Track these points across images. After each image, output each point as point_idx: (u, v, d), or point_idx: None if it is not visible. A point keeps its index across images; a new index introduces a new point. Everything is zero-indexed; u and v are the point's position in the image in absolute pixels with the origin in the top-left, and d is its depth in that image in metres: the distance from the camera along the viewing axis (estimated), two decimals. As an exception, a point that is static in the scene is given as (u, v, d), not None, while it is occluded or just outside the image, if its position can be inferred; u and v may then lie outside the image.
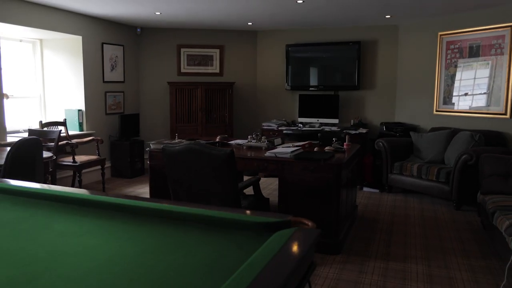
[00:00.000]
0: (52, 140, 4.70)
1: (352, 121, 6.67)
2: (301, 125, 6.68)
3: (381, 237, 3.89)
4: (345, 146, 4.05)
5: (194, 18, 6.02)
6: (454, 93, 5.82)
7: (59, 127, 5.39)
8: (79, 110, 5.83)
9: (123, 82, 6.62)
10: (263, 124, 6.76)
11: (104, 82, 6.21)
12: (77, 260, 1.33)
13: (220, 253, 1.37)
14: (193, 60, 7.11)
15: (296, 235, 1.35)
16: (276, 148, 3.94)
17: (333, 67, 6.85)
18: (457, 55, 5.76)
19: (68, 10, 5.49)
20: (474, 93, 5.59)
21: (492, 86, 5.33)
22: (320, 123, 6.70)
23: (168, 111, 6.88)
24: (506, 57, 5.15)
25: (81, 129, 5.87)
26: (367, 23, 6.45)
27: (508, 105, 5.16)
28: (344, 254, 3.47)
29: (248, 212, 1.75)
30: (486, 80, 5.41)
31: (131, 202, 1.84)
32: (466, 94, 5.67)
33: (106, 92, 6.25)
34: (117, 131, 6.35)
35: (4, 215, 1.79)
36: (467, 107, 5.66)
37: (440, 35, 5.92)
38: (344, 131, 5.95)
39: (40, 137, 4.60)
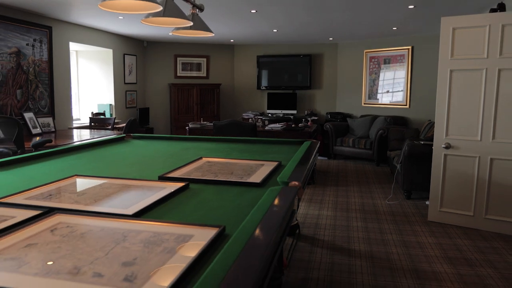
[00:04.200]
0: (108, 124, 6.70)
1: (306, 111, 9.21)
2: (270, 115, 9.11)
3: (332, 178, 6.42)
4: (309, 124, 6.54)
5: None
6: (379, 91, 8.56)
7: (101, 116, 7.34)
8: (110, 105, 7.78)
9: (135, 83, 8.62)
10: (243, 114, 9.10)
11: (125, 83, 8.20)
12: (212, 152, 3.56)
13: (284, 149, 3.68)
14: (186, 66, 9.26)
15: (313, 142, 3.73)
16: (268, 125, 6.32)
17: (291, 73, 9.35)
18: (376, 66, 8.51)
19: (103, 30, 7.45)
20: (394, 90, 8.36)
21: (406, 86, 8.12)
22: (283, 113, 9.18)
23: (168, 105, 8.99)
24: (405, 67, 7.97)
25: (111, 118, 7.82)
26: (316, 42, 9.03)
27: (407, 99, 7.99)
28: (313, 185, 5.95)
29: (285, 139, 4.08)
30: (403, 81, 8.18)
31: (227, 138, 4.07)
32: (388, 91, 8.43)
33: (126, 91, 8.24)
34: (136, 120, 8.35)
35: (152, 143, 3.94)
36: (389, 101, 8.42)
37: (365, 52, 8.64)
38: (308, 118, 8.47)
39: (99, 123, 6.62)
